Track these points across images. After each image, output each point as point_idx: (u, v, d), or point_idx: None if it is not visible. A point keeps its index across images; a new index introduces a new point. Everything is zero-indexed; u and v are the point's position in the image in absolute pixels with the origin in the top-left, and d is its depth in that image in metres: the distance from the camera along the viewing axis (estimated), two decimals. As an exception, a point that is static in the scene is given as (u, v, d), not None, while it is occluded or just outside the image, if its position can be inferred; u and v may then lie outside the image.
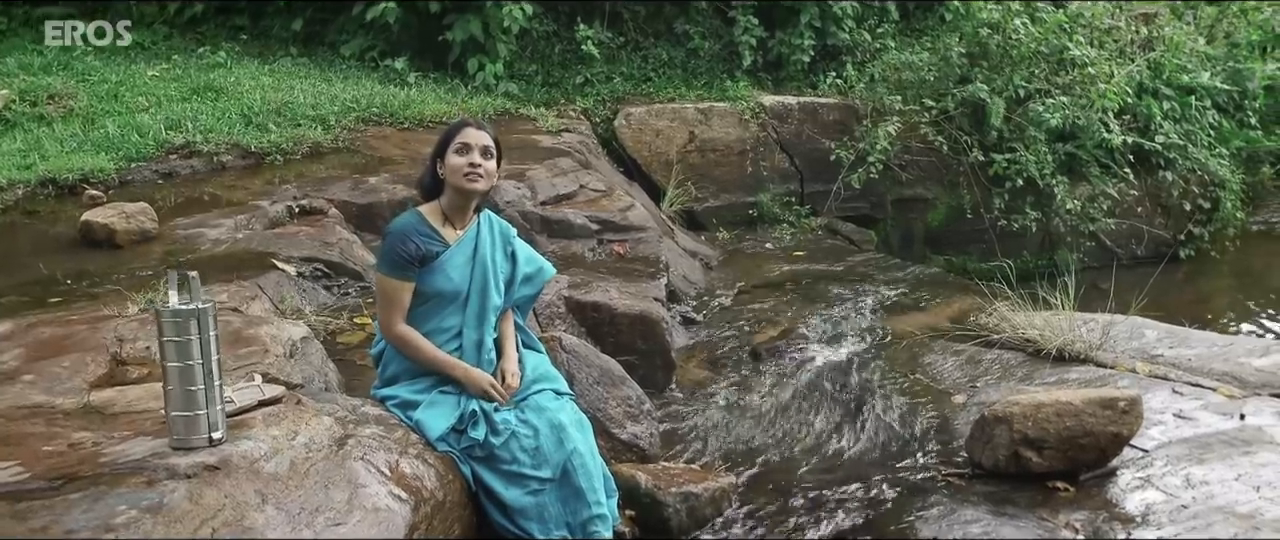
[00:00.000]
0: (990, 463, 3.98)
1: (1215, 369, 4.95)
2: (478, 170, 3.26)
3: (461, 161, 3.24)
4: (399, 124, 7.12)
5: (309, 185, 5.76)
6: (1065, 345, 5.23)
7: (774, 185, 8.39)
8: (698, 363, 5.46)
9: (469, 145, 3.26)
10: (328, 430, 2.87)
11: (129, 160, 5.88)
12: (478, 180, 3.27)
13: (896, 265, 7.47)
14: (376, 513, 2.70)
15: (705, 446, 4.44)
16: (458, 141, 3.27)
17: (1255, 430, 4.16)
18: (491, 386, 3.25)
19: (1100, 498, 3.75)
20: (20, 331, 3.63)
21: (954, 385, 5.13)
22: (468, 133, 3.29)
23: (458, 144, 3.27)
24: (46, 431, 2.87)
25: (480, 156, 3.27)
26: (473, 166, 3.25)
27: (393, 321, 3.26)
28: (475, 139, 3.27)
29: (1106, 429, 3.87)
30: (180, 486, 2.34)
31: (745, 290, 6.64)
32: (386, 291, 3.25)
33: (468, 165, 3.24)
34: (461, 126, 3.32)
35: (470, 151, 3.25)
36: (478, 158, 3.26)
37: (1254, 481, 3.71)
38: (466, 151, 3.25)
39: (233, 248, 4.74)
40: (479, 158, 3.26)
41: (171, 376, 2.52)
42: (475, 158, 3.25)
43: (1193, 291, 8.97)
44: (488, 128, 3.38)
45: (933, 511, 3.69)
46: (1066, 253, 9.08)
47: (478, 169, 3.26)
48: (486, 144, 3.30)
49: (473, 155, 3.25)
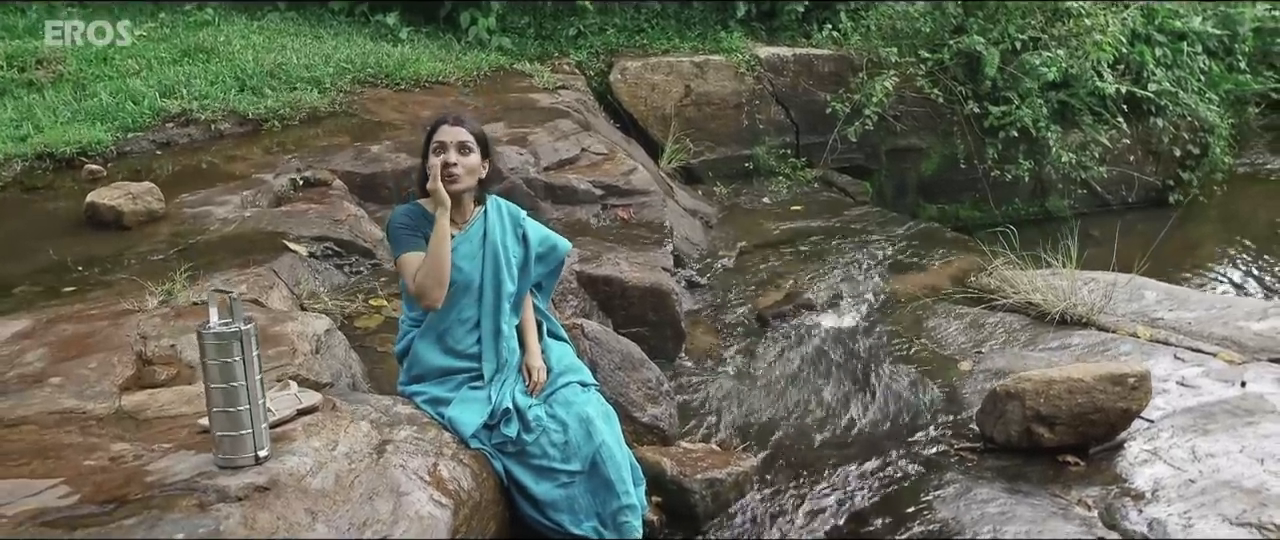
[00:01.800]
0: (1002, 438, 4.07)
1: (1215, 333, 5.04)
2: (452, 169, 3.22)
3: (436, 162, 3.20)
4: (395, 85, 7.03)
5: (311, 155, 5.71)
6: (1067, 309, 5.31)
7: (770, 138, 8.37)
8: (705, 329, 5.51)
9: (444, 144, 3.23)
10: (366, 437, 2.89)
11: (125, 130, 5.80)
12: (454, 180, 3.23)
13: (893, 220, 7.51)
14: (420, 521, 2.75)
15: (719, 421, 4.51)
16: (434, 141, 3.25)
17: (1257, 398, 4.27)
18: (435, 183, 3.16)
19: (1110, 472, 3.84)
20: (41, 328, 3.62)
21: (959, 351, 5.22)
22: (443, 131, 3.26)
23: (434, 143, 3.25)
24: (83, 442, 2.88)
25: (456, 154, 3.23)
26: (447, 166, 3.21)
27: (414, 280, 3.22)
28: (450, 136, 3.24)
29: (1116, 405, 3.96)
30: (234, 511, 2.37)
31: (747, 250, 6.67)
32: (405, 268, 3.24)
33: (442, 165, 3.20)
34: (438, 125, 3.29)
35: (446, 150, 3.22)
36: (453, 156, 3.22)
37: (1258, 453, 3.81)
38: (442, 151, 3.22)
39: (242, 227, 4.72)
40: (454, 155, 3.22)
41: (215, 397, 2.53)
42: (450, 156, 3.22)
43: (1182, 237, 9.06)
44: (467, 121, 3.33)
45: (949, 490, 3.77)
46: (1058, 200, 9.18)
47: (452, 167, 3.21)
48: (463, 139, 3.25)
49: (448, 154, 3.22)
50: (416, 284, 3.19)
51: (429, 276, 3.17)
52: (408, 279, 3.22)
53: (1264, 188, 10.56)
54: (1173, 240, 8.93)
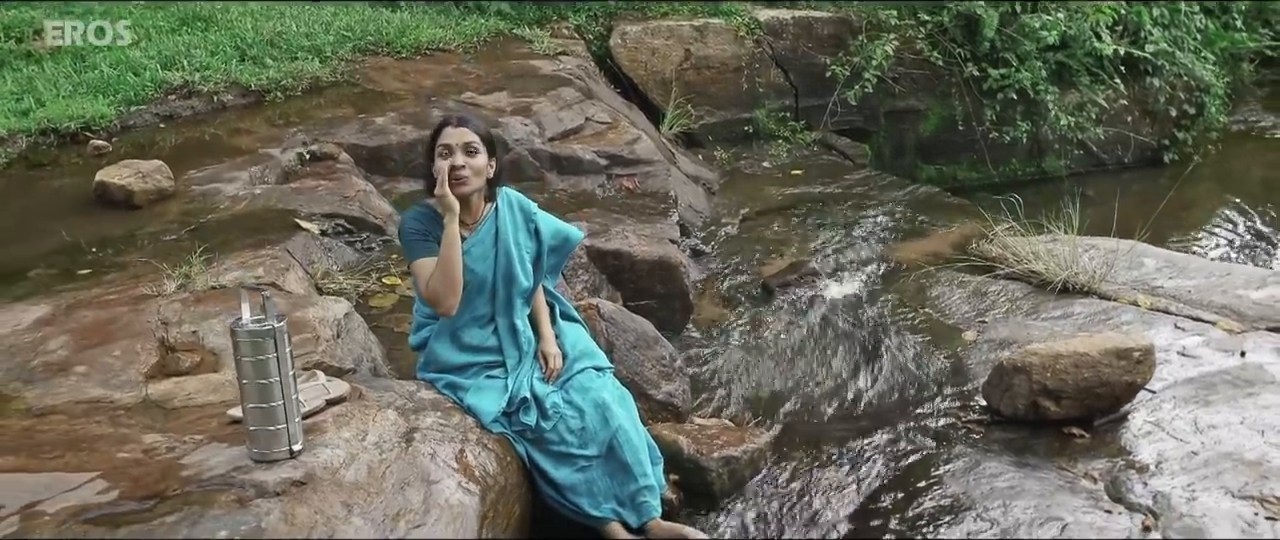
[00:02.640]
0: (1009, 410, 4.15)
1: (1214, 301, 5.12)
2: (459, 171, 3.21)
3: (443, 165, 3.20)
4: (397, 53, 7.00)
5: (316, 128, 5.70)
6: (1069, 278, 5.38)
7: (769, 101, 8.37)
8: (711, 299, 5.56)
9: (450, 147, 3.22)
10: (393, 426, 2.94)
11: (128, 104, 5.78)
12: (462, 182, 3.23)
13: (894, 184, 7.56)
14: (450, 509, 2.81)
15: (729, 395, 4.58)
16: (439, 145, 3.24)
17: (1257, 369, 4.34)
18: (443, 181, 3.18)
19: (1115, 445, 3.92)
20: (61, 314, 3.65)
21: (963, 320, 5.28)
22: (447, 133, 3.25)
23: (440, 146, 3.24)
24: (114, 433, 2.92)
25: (463, 155, 3.22)
26: (454, 169, 3.21)
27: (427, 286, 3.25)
28: (456, 138, 3.23)
29: (1121, 378, 4.03)
30: (274, 507, 2.42)
31: (749, 217, 6.71)
32: (418, 274, 3.28)
33: (449, 169, 3.20)
34: (442, 128, 3.29)
35: (452, 154, 3.22)
36: (459, 159, 3.21)
37: (1258, 425, 3.89)
38: (448, 154, 3.22)
39: (252, 205, 4.73)
40: (461, 158, 3.21)
41: (250, 393, 2.57)
42: (457, 159, 3.21)
43: (1177, 196, 9.07)
44: (471, 121, 3.33)
45: (958, 464, 3.85)
46: (1055, 160, 9.22)
47: (459, 170, 3.21)
48: (468, 140, 3.24)
49: (454, 157, 3.21)
50: (429, 292, 3.22)
51: (441, 284, 3.19)
52: (420, 285, 3.25)
53: (1258, 145, 10.62)
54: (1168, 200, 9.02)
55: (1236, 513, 3.35)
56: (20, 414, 3.13)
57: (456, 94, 6.32)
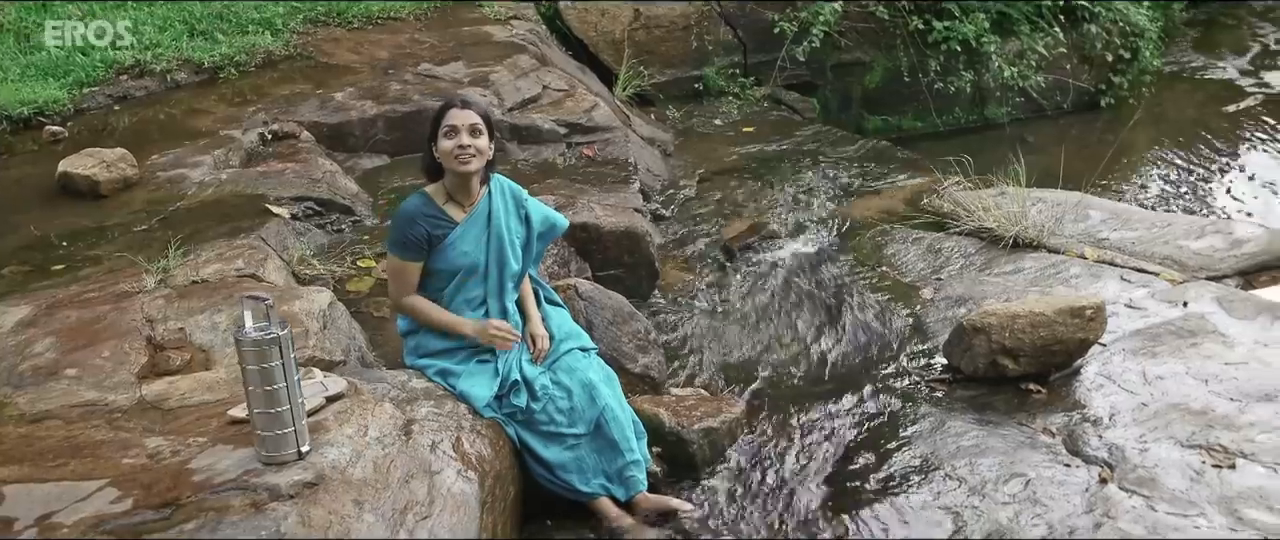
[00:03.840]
0: (970, 369, 4.35)
1: (1157, 253, 5.35)
2: (467, 151, 3.32)
3: (450, 145, 3.31)
4: (348, 24, 6.94)
5: (275, 106, 5.68)
6: (1020, 233, 5.58)
7: (718, 58, 8.45)
8: (675, 264, 5.67)
9: (456, 128, 3.32)
10: (391, 418, 3.03)
11: (80, 86, 5.69)
12: (469, 161, 3.34)
13: (844, 139, 7.70)
14: (453, 498, 2.92)
15: (701, 362, 4.71)
16: (445, 125, 3.34)
17: (1198, 319, 4.58)
18: (498, 330, 3.41)
19: (1071, 399, 4.14)
20: (44, 315, 3.65)
21: (919, 278, 5.47)
22: (453, 114, 3.35)
23: (445, 127, 3.34)
24: (115, 437, 2.96)
25: (469, 136, 3.32)
26: (462, 149, 3.31)
27: (402, 295, 3.45)
28: (462, 120, 3.33)
29: (1075, 336, 4.24)
30: (290, 510, 2.50)
31: (706, 178, 6.80)
32: (395, 270, 3.43)
33: (457, 148, 3.31)
34: (447, 109, 3.38)
35: (458, 134, 3.31)
36: (466, 139, 3.31)
37: (1202, 374, 4.13)
38: (454, 134, 3.32)
39: (220, 191, 4.72)
40: (467, 138, 3.32)
41: (257, 399, 2.64)
42: (464, 139, 3.31)
43: (1113, 139, 9.37)
44: (474, 103, 3.44)
45: (925, 424, 4.04)
46: (997, 108, 9.41)
47: (467, 150, 3.32)
48: (473, 122, 3.34)
49: (460, 137, 3.31)
50: (394, 295, 3.45)
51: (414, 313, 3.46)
52: (391, 279, 3.44)
53: (1189, 86, 10.92)
54: (1105, 144, 9.30)
55: (1185, 462, 3.57)
56: (14, 420, 3.14)
57: (412, 65, 6.31)
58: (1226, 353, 4.25)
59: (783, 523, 3.60)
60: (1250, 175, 8.25)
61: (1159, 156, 8.83)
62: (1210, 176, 8.33)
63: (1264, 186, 7.99)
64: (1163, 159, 8.76)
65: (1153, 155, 8.87)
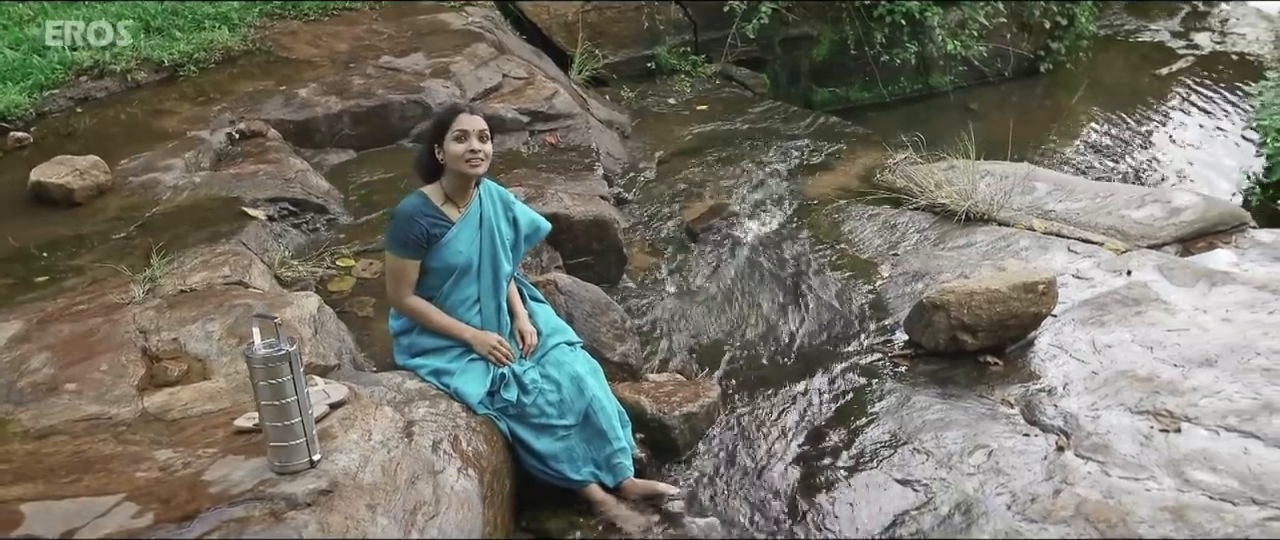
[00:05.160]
0: (931, 344, 4.57)
1: (1100, 223, 5.61)
2: (478, 155, 3.48)
3: (462, 149, 3.45)
4: (304, 16, 6.95)
5: (240, 104, 5.71)
6: (971, 208, 5.81)
7: (670, 37, 8.58)
8: (640, 247, 5.82)
9: (467, 132, 3.46)
10: (392, 421, 3.16)
11: (40, 88, 5.66)
12: (479, 165, 3.50)
13: (795, 115, 7.89)
14: (457, 495, 3.08)
15: (672, 345, 4.88)
16: (455, 129, 3.47)
17: (1142, 287, 4.83)
18: (498, 345, 3.58)
19: (1026, 370, 4.38)
20: (36, 330, 3.70)
21: (877, 253, 5.68)
22: (463, 119, 3.48)
23: (456, 131, 3.47)
24: (124, 451, 3.06)
25: (479, 141, 3.47)
26: (473, 152, 3.46)
27: (402, 295, 3.57)
28: (473, 125, 3.48)
29: (1029, 310, 4.48)
30: (309, 518, 2.63)
31: (665, 159, 6.94)
32: (395, 269, 3.54)
33: (468, 151, 3.45)
34: (455, 114, 3.51)
35: (469, 138, 3.46)
36: (476, 143, 3.47)
37: (1147, 341, 4.38)
38: (465, 139, 3.46)
39: (195, 195, 4.77)
40: (477, 143, 3.47)
41: (268, 413, 2.75)
42: (474, 144, 3.46)
43: (1052, 104, 9.72)
44: (479, 110, 3.58)
45: (891, 400, 4.26)
46: (940, 76, 9.66)
47: (478, 154, 3.47)
48: (482, 128, 3.50)
49: (471, 141, 3.46)
50: (393, 293, 3.56)
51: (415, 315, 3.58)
52: (388, 278, 3.56)
53: (1122, 49, 11.26)
54: (1045, 109, 9.61)
55: (1135, 427, 3.81)
56: (20, 437, 3.21)
57: (373, 58, 6.36)
58: (1169, 320, 4.50)
59: (762, 501, 3.80)
60: (1184, 141, 8.58)
61: (1097, 121, 9.13)
62: (1147, 143, 8.64)
63: (1196, 149, 8.34)
64: (1100, 125, 9.06)
65: (1090, 121, 9.17)
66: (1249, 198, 6.95)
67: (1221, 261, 5.14)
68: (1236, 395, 3.85)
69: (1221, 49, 10.95)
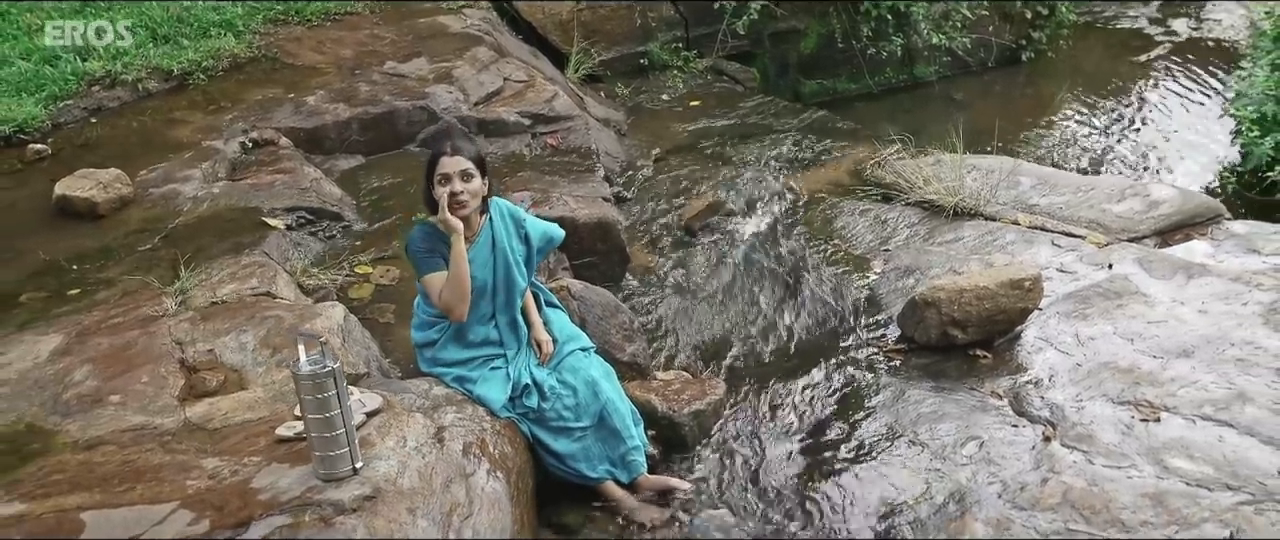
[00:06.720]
0: (923, 339, 4.80)
1: (1083, 217, 5.83)
2: (459, 197, 3.60)
3: (443, 192, 3.59)
4: (307, 21, 7.10)
5: (251, 113, 5.87)
6: (958, 203, 6.04)
7: (662, 33, 8.77)
8: (641, 246, 6.02)
9: (448, 176, 3.59)
10: (424, 428, 3.36)
11: (55, 100, 5.81)
12: (462, 206, 3.62)
13: (786, 110, 8.09)
14: (488, 496, 3.29)
15: (677, 342, 5.09)
16: (438, 173, 3.60)
17: (1123, 280, 5.06)
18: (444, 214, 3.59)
19: (1014, 363, 4.60)
20: (75, 343, 3.88)
21: (869, 249, 5.90)
22: (444, 163, 3.60)
23: (438, 175, 3.60)
24: (172, 460, 3.24)
25: (460, 182, 3.59)
26: (453, 196, 3.59)
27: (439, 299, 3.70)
28: (452, 167, 3.60)
29: (1016, 305, 4.71)
30: (357, 523, 2.84)
31: (660, 156, 7.13)
32: (429, 287, 3.71)
33: (448, 196, 3.59)
34: (438, 157, 3.63)
35: (449, 181, 3.59)
36: (457, 185, 3.59)
37: (1128, 333, 4.60)
38: (446, 182, 3.59)
39: (215, 206, 4.94)
40: (459, 185, 3.59)
41: (314, 425, 2.95)
42: (455, 186, 3.59)
43: (1034, 92, 9.97)
44: (464, 148, 3.68)
45: (887, 393, 4.49)
46: (925, 67, 9.89)
47: (458, 196, 3.60)
48: (464, 168, 3.61)
49: (452, 184, 3.59)
50: (442, 304, 3.66)
51: (453, 296, 3.64)
52: (433, 298, 3.68)
53: (1101, 36, 11.49)
54: (1027, 98, 9.85)
55: (1117, 417, 4.04)
56: (69, 448, 3.38)
57: (377, 64, 6.53)
58: (1148, 312, 4.73)
59: (767, 492, 4.03)
60: (1163, 128, 8.83)
61: (1078, 110, 9.37)
62: (1126, 132, 8.89)
63: (1174, 134, 8.60)
64: (1082, 113, 9.30)
65: (1072, 109, 9.41)
66: (1225, 185, 7.21)
67: (1198, 253, 5.37)
68: (1212, 385, 4.08)
69: (1198, 35, 11.20)
